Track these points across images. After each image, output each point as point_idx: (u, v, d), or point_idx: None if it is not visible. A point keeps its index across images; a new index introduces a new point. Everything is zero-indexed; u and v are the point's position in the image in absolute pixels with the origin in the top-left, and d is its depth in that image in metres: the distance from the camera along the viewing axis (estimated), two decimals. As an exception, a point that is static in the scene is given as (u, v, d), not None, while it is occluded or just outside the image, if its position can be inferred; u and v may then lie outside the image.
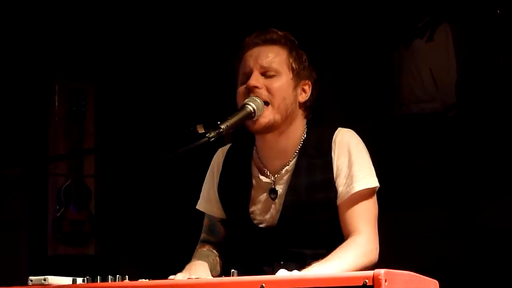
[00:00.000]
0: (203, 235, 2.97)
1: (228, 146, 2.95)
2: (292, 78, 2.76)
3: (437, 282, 2.32)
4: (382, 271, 1.96)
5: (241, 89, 2.75)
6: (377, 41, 5.67)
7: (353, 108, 5.69)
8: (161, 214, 5.90)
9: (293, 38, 2.84)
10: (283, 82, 2.74)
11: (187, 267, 2.71)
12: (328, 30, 5.59)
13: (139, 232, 5.94)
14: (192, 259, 2.82)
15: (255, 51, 2.77)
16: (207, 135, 2.45)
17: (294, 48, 2.82)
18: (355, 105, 5.70)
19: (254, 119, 2.67)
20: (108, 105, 6.12)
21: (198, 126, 2.49)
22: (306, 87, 2.81)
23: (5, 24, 5.74)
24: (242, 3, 5.66)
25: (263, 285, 2.05)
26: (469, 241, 5.02)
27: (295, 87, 2.77)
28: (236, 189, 2.84)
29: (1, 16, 5.71)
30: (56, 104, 6.02)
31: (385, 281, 1.95)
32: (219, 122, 2.51)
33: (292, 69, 2.77)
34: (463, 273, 4.87)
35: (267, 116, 2.69)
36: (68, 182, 5.93)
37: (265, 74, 2.73)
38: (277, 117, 2.71)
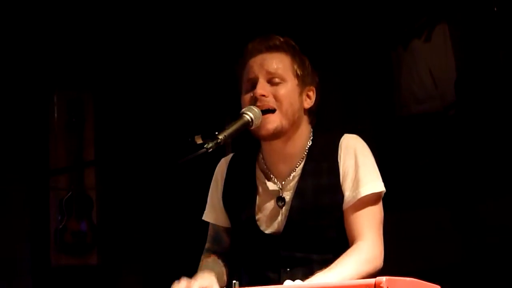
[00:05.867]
0: (207, 245, 2.99)
1: (230, 155, 2.96)
2: (297, 85, 2.79)
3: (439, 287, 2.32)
4: (383, 279, 1.96)
5: (247, 96, 2.77)
6: (375, 42, 5.66)
7: (353, 110, 5.68)
8: (163, 224, 5.89)
9: (294, 44, 2.85)
10: (289, 88, 2.76)
11: (194, 277, 2.69)
12: (325, 32, 5.58)
13: (141, 242, 5.93)
14: (199, 270, 2.82)
15: (259, 58, 2.79)
16: (205, 146, 2.45)
17: (297, 54, 2.83)
18: (355, 107, 5.69)
19: (258, 126, 2.69)
20: (107, 114, 6.11)
21: (196, 136, 2.49)
22: (311, 93, 2.84)
23: (2, 35, 5.74)
24: (237, 9, 5.66)
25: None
26: (472, 241, 5.01)
27: (300, 94, 2.80)
28: (241, 196, 2.85)
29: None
30: (55, 114, 6.02)
31: (387, 288, 1.94)
32: (216, 133, 2.50)
33: (297, 75, 2.79)
34: (466, 274, 4.86)
35: (275, 121, 2.71)
36: (69, 193, 5.93)
37: (271, 81, 2.75)
38: (285, 122, 2.73)
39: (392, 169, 5.32)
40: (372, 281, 1.97)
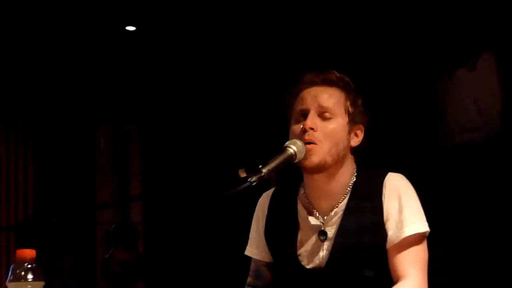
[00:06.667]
0: (249, 280, 3.00)
1: (272, 189, 2.97)
2: (347, 122, 2.79)
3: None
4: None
5: (296, 127, 2.78)
6: (420, 72, 5.66)
7: (397, 140, 5.67)
8: (209, 256, 5.90)
9: (349, 81, 2.86)
10: (338, 125, 2.77)
11: None
12: (369, 63, 5.60)
13: (187, 272, 5.95)
14: None
15: (313, 90, 2.80)
16: (249, 180, 2.47)
17: (351, 91, 2.84)
18: (399, 137, 5.69)
19: (302, 159, 2.70)
20: (153, 145, 6.16)
21: (240, 170, 2.51)
22: (359, 132, 2.84)
23: (45, 71, 5.83)
24: (278, 44, 5.70)
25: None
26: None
27: (349, 132, 2.80)
28: (283, 231, 2.86)
29: (41, 63, 5.80)
30: (101, 146, 6.09)
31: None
32: (260, 166, 2.52)
33: (348, 113, 2.80)
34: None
35: (319, 154, 2.72)
36: (116, 223, 5.98)
37: (322, 115, 2.76)
38: (329, 159, 2.73)
39: (436, 200, 5.30)
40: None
